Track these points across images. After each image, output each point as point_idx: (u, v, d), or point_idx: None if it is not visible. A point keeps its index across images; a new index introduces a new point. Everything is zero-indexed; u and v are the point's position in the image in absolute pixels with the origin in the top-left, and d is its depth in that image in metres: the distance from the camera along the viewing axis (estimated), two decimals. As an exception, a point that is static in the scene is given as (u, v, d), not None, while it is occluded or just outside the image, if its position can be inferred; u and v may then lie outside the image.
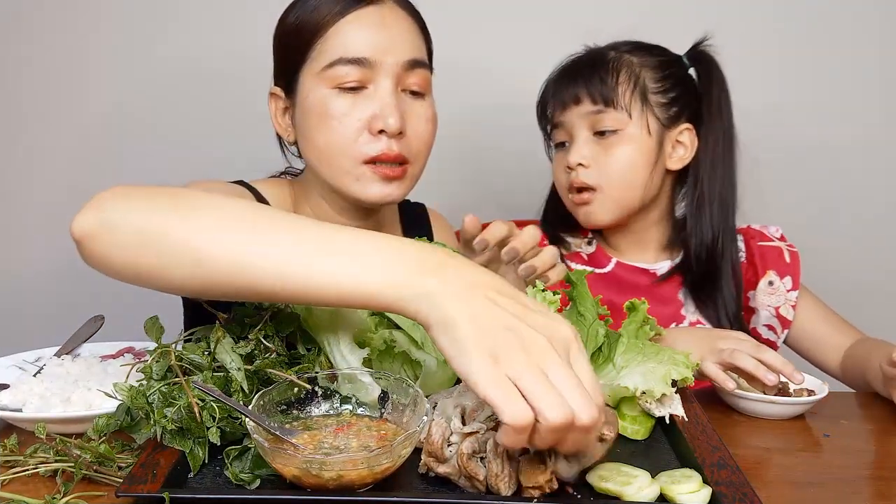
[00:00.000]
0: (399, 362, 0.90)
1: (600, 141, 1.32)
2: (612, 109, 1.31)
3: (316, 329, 0.94)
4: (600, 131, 1.32)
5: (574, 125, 1.34)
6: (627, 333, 0.94)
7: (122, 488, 0.74)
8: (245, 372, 0.85)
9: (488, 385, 0.66)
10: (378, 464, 0.73)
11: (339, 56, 1.10)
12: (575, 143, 1.34)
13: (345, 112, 1.10)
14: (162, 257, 0.78)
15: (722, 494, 0.75)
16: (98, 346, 1.15)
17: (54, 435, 0.84)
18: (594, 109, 1.32)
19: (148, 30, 1.75)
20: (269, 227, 0.78)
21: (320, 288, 0.74)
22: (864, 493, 0.85)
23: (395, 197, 1.15)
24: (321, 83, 1.11)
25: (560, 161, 1.37)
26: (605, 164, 1.32)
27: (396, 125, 1.09)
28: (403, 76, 1.12)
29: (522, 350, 0.67)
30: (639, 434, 0.91)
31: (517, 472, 0.75)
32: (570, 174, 1.35)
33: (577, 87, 1.33)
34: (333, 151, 1.12)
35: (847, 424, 1.04)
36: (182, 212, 0.79)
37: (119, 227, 0.80)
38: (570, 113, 1.34)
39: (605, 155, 1.32)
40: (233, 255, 0.76)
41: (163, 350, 0.87)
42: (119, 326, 1.25)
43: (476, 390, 0.66)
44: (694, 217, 1.36)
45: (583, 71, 1.34)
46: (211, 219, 0.79)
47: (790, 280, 1.38)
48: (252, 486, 0.77)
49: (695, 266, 1.36)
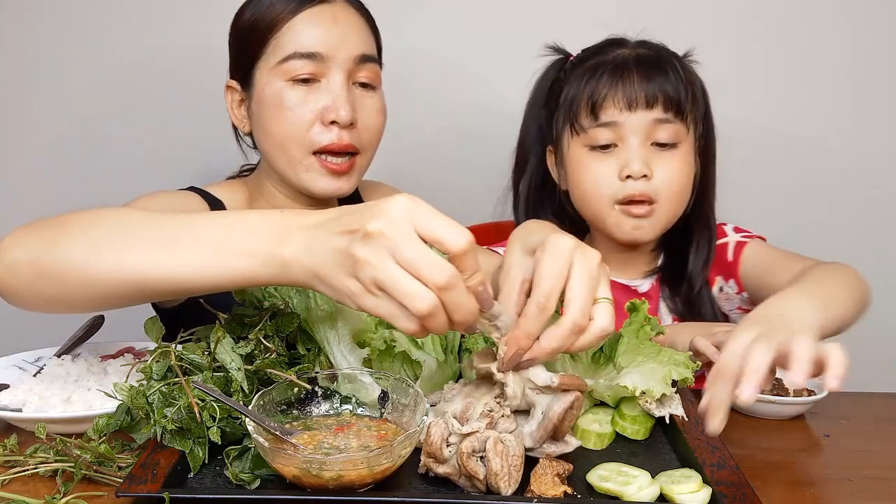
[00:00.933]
0: (399, 362, 0.90)
1: (657, 151, 1.22)
2: (678, 120, 1.22)
3: (316, 329, 0.94)
4: (660, 143, 1.22)
5: (633, 129, 1.21)
6: (628, 334, 0.94)
7: (122, 488, 0.74)
8: (245, 372, 0.85)
9: (366, 305, 0.70)
10: (378, 464, 0.73)
11: (293, 51, 1.16)
12: (631, 149, 1.21)
13: (299, 103, 1.16)
14: (56, 286, 0.85)
15: (722, 494, 0.75)
16: (98, 346, 1.15)
17: (54, 435, 0.84)
18: (664, 117, 1.21)
19: (103, 28, 1.73)
20: (138, 235, 0.83)
21: (196, 281, 0.79)
22: (864, 493, 0.85)
23: (345, 191, 1.21)
24: (276, 77, 1.17)
25: (603, 166, 1.23)
26: (662, 176, 1.22)
27: (348, 116, 1.15)
28: (354, 70, 1.18)
29: (369, 259, 0.68)
30: (639, 434, 0.91)
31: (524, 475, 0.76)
32: (623, 183, 1.21)
33: (650, 88, 1.20)
34: (287, 140, 1.18)
35: (847, 424, 1.04)
36: (65, 240, 0.85)
37: (17, 267, 0.86)
38: (635, 116, 1.20)
39: (661, 165, 1.22)
40: (110, 270, 0.82)
41: (163, 350, 0.87)
42: (119, 326, 1.24)
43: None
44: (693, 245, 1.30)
45: (654, 71, 1.22)
46: (90, 240, 0.84)
47: (735, 283, 1.31)
48: (252, 486, 0.77)
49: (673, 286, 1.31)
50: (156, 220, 0.84)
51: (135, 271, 0.81)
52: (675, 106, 1.21)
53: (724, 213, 1.37)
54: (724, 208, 1.36)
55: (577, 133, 1.25)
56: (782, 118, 1.76)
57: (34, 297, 0.89)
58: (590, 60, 1.27)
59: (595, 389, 0.94)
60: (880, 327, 1.77)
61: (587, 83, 1.23)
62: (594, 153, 1.24)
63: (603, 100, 1.21)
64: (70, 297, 0.86)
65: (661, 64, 1.23)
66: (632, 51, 1.25)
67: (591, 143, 1.24)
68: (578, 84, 1.25)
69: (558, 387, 0.80)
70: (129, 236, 0.83)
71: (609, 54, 1.26)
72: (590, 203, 1.27)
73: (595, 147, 1.24)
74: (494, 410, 0.80)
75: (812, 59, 1.74)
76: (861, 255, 1.78)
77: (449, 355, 0.97)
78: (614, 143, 1.22)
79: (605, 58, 1.25)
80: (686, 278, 1.31)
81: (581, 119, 1.24)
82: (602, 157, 1.24)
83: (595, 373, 0.93)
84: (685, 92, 1.22)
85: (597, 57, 1.26)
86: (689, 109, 1.22)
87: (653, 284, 1.34)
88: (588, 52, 1.30)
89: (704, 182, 1.31)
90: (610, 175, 1.22)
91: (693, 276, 1.30)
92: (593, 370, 0.93)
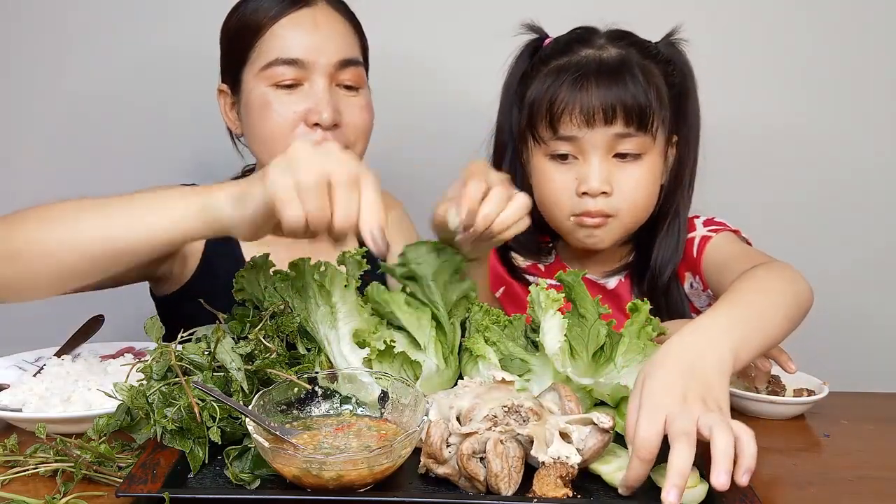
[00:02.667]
0: (399, 363, 0.90)
1: (619, 164, 1.18)
2: (641, 133, 1.16)
3: (316, 329, 0.94)
4: (621, 154, 1.17)
5: (593, 144, 1.16)
6: (629, 334, 0.94)
7: (122, 488, 0.74)
8: (245, 372, 0.85)
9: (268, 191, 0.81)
10: (378, 464, 0.73)
11: (275, 57, 1.18)
12: (592, 164, 1.17)
13: (283, 106, 1.19)
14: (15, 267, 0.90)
15: (722, 494, 0.75)
16: (98, 346, 1.15)
17: (54, 435, 0.84)
18: (625, 132, 1.15)
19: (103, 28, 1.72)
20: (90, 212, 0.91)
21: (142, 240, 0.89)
22: (864, 493, 0.85)
23: None
24: (261, 81, 1.20)
25: (562, 178, 1.19)
26: (623, 190, 1.18)
27: (330, 119, 1.17)
28: (336, 74, 1.20)
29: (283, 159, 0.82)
30: (639, 434, 0.91)
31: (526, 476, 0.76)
32: (580, 198, 1.18)
33: (608, 102, 1.14)
34: (273, 141, 1.19)
35: (847, 424, 1.04)
36: (20, 224, 0.92)
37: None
38: (594, 132, 1.15)
39: (623, 179, 1.17)
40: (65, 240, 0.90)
41: (163, 350, 0.87)
42: (119, 326, 1.25)
43: (270, 201, 0.81)
44: (658, 237, 1.25)
45: (614, 82, 1.15)
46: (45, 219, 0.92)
47: (699, 280, 1.26)
48: (252, 486, 0.77)
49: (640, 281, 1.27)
50: (107, 199, 0.92)
51: (88, 238, 0.89)
52: (637, 119, 1.15)
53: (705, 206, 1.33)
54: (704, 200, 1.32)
55: (535, 141, 1.21)
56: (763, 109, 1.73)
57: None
58: (555, 60, 1.20)
59: (595, 389, 0.94)
60: (880, 327, 1.78)
61: (547, 90, 1.18)
62: (554, 163, 1.20)
63: (561, 113, 1.16)
64: (29, 278, 0.91)
65: (622, 72, 1.15)
66: (596, 52, 1.18)
67: (550, 153, 1.20)
68: (539, 88, 1.19)
69: None
70: (81, 213, 0.91)
71: (574, 54, 1.19)
72: (546, 211, 1.24)
73: (555, 156, 1.20)
74: (499, 418, 0.79)
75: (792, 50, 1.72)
76: (861, 253, 1.79)
77: (449, 356, 0.97)
78: (574, 155, 1.18)
79: (569, 60, 1.19)
80: (649, 273, 1.27)
81: (540, 130, 1.19)
82: (561, 167, 1.20)
83: (595, 372, 0.93)
84: (648, 101, 1.15)
85: (562, 57, 1.20)
86: (652, 119, 1.16)
87: (621, 280, 1.31)
88: (556, 47, 1.23)
89: (679, 176, 1.25)
90: (568, 188, 1.19)
91: (657, 271, 1.26)
92: (593, 370, 0.93)
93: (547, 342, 0.91)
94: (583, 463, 0.77)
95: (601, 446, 0.78)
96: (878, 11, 1.69)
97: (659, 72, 1.19)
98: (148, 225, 0.88)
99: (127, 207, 0.91)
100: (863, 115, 1.73)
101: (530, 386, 0.94)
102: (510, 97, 1.29)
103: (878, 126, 1.74)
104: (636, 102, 1.14)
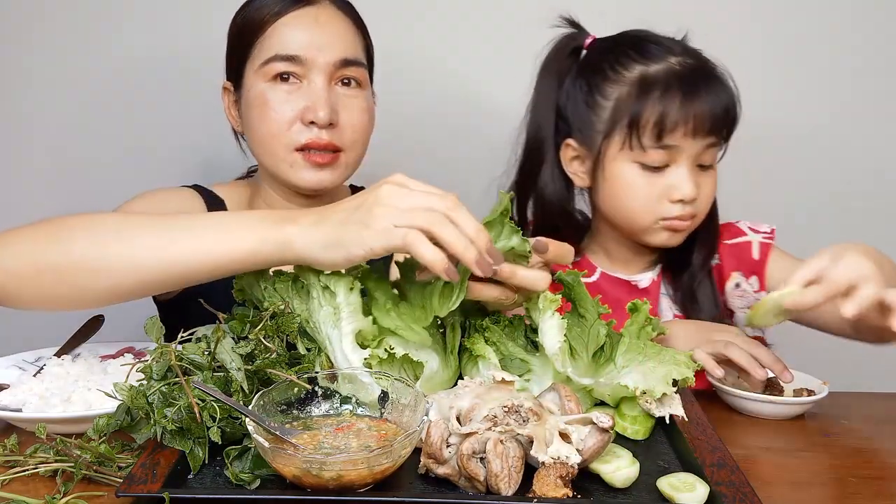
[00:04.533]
0: (399, 363, 0.90)
1: (699, 173, 1.22)
2: (724, 142, 1.23)
3: (316, 329, 0.94)
4: (703, 164, 1.22)
5: (689, 154, 1.19)
6: (629, 333, 0.94)
7: (122, 488, 0.74)
8: (245, 372, 0.85)
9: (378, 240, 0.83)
10: (378, 464, 0.73)
11: (274, 53, 1.19)
12: (685, 172, 1.20)
13: (280, 103, 1.19)
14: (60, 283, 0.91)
15: (722, 494, 0.75)
16: (98, 346, 1.15)
17: (54, 435, 0.84)
18: (715, 141, 1.21)
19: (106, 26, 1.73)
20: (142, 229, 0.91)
21: (200, 264, 0.90)
22: (864, 493, 0.85)
23: (329, 182, 1.23)
24: (260, 78, 1.20)
25: (653, 185, 1.21)
26: (704, 197, 1.23)
27: (326, 118, 1.17)
28: (336, 73, 1.20)
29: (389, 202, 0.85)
30: (639, 434, 0.91)
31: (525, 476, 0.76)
32: (672, 204, 1.21)
33: (718, 112, 1.18)
34: (270, 139, 1.20)
35: (847, 424, 1.04)
36: (67, 236, 0.91)
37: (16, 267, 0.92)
38: (696, 141, 1.18)
39: (703, 187, 1.22)
40: (117, 261, 0.90)
41: (163, 350, 0.87)
42: (119, 326, 1.25)
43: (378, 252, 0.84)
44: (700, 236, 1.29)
45: (716, 92, 1.19)
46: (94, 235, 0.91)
47: (756, 280, 1.31)
48: (252, 486, 0.77)
49: (675, 278, 1.32)
50: (157, 217, 0.92)
51: (142, 260, 0.89)
52: (729, 129, 1.20)
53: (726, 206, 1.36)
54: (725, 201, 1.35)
55: (630, 148, 1.20)
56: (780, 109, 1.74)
57: (36, 297, 0.92)
58: (636, 65, 1.21)
59: (595, 389, 0.94)
60: (880, 327, 1.77)
61: (654, 101, 1.17)
62: (645, 172, 1.21)
63: (674, 125, 1.17)
64: (75, 293, 0.91)
65: (721, 81, 1.20)
66: (684, 60, 1.20)
67: (643, 162, 1.20)
68: (637, 95, 1.19)
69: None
70: (133, 230, 0.91)
71: (659, 61, 1.20)
72: (630, 216, 1.25)
73: (647, 166, 1.21)
74: (499, 419, 0.79)
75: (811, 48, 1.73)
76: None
77: (449, 356, 0.97)
78: (666, 164, 1.21)
79: (661, 68, 1.19)
80: (688, 270, 1.31)
81: (643, 138, 1.19)
82: (653, 177, 1.21)
83: (595, 372, 0.93)
84: (735, 114, 1.20)
85: (648, 63, 1.21)
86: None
87: (654, 280, 1.34)
88: (620, 50, 1.24)
89: None
90: (659, 196, 1.21)
91: (695, 269, 1.31)
92: (594, 370, 0.93)
93: (547, 342, 0.91)
94: (583, 463, 0.77)
95: (601, 446, 0.78)
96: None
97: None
98: (214, 253, 0.89)
99: (190, 231, 0.90)
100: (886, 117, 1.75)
101: (530, 386, 0.94)
102: (551, 94, 1.30)
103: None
104: (734, 113, 1.20)
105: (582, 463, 0.77)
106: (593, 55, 1.28)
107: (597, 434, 0.78)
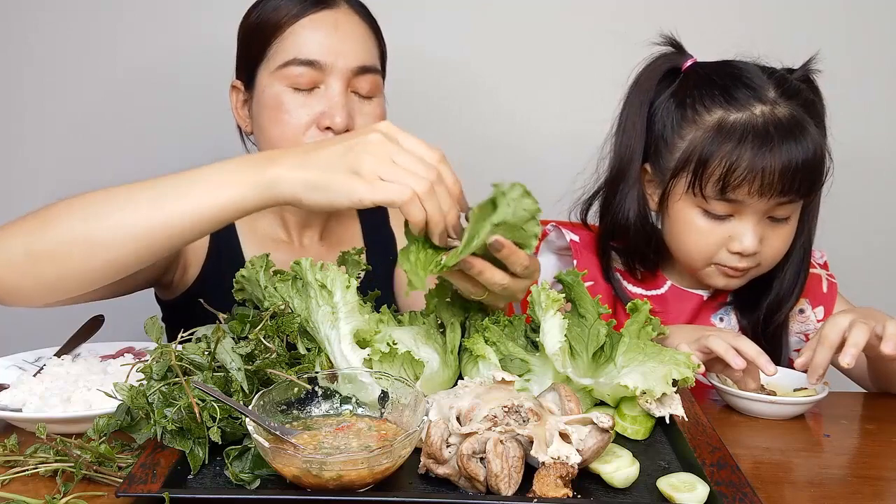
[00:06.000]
0: (399, 362, 0.90)
1: (770, 225, 1.18)
2: (801, 199, 1.16)
3: (316, 329, 0.94)
4: (776, 217, 1.17)
5: (756, 210, 1.15)
6: (629, 333, 0.94)
7: (122, 488, 0.74)
8: (245, 372, 0.85)
9: (369, 193, 0.82)
10: (378, 464, 0.73)
11: (293, 56, 1.17)
12: (750, 227, 1.16)
13: (296, 108, 1.17)
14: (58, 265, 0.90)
15: (722, 494, 0.75)
16: (98, 346, 1.15)
17: (54, 435, 0.84)
18: (789, 199, 1.14)
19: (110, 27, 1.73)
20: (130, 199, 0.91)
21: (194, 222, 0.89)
22: (864, 493, 0.85)
23: None
24: (276, 80, 1.18)
25: (712, 232, 1.17)
26: (771, 247, 1.19)
27: (343, 123, 1.16)
28: (353, 80, 1.19)
29: (375, 152, 0.84)
30: (639, 434, 0.91)
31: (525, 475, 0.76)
32: (732, 255, 1.18)
33: (788, 175, 1.11)
34: (283, 143, 1.18)
35: (847, 424, 1.04)
36: (56, 220, 0.91)
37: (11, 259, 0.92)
38: (762, 200, 1.13)
39: (772, 237, 1.18)
40: (113, 231, 0.89)
41: (163, 350, 0.87)
42: (119, 326, 1.24)
43: (366, 204, 0.83)
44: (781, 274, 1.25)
45: (794, 154, 1.11)
46: (84, 213, 0.91)
47: (822, 311, 1.30)
48: (252, 486, 0.77)
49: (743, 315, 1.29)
50: (141, 183, 0.92)
51: (134, 227, 0.89)
52: (807, 190, 1.14)
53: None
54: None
55: (693, 194, 1.16)
56: None
57: (35, 287, 0.92)
58: (718, 109, 1.15)
59: (595, 389, 0.94)
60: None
61: (724, 153, 1.12)
62: (707, 218, 1.18)
63: (739, 182, 1.11)
64: (72, 274, 0.91)
65: (802, 141, 1.11)
66: (770, 111, 1.13)
67: (705, 208, 1.17)
68: (709, 143, 1.14)
69: None
70: (120, 201, 0.91)
71: (744, 109, 1.14)
72: (686, 257, 1.23)
73: (710, 213, 1.17)
74: (499, 419, 0.79)
75: None
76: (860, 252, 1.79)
77: (449, 356, 0.97)
78: (730, 215, 1.17)
79: (741, 118, 1.13)
80: (756, 313, 1.27)
81: (706, 188, 1.14)
82: (715, 224, 1.18)
83: (595, 372, 0.93)
84: (820, 173, 1.14)
85: (729, 109, 1.14)
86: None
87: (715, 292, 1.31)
88: (713, 89, 1.17)
89: (809, 219, 1.25)
90: (717, 243, 1.18)
91: (775, 306, 1.26)
92: (594, 370, 0.93)
93: (547, 342, 0.91)
94: (583, 463, 0.77)
95: (601, 446, 0.78)
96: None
97: (820, 131, 1.16)
98: (203, 207, 0.88)
99: (175, 189, 0.90)
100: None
101: (530, 386, 0.94)
102: (639, 117, 1.24)
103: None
104: (812, 176, 1.13)
105: (582, 463, 0.77)
106: (687, 83, 1.21)
107: (597, 434, 0.78)
